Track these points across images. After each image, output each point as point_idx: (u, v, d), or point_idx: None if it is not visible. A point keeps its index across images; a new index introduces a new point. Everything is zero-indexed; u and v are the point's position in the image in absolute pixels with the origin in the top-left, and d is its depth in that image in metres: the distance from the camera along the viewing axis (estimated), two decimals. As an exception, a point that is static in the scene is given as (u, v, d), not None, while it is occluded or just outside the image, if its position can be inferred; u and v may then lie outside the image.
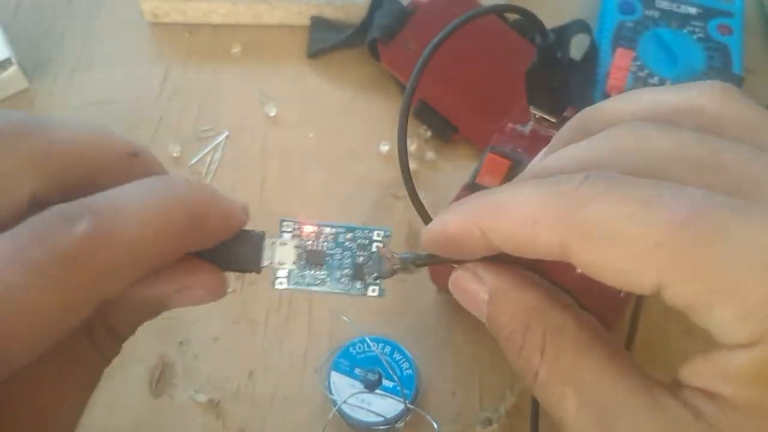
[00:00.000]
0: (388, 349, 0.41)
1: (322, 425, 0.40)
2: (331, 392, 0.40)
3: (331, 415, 0.40)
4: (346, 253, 0.24)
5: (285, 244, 0.24)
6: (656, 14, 0.52)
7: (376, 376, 0.41)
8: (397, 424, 0.40)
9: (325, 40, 0.55)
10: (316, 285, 0.24)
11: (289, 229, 0.24)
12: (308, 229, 0.24)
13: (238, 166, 0.50)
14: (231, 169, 0.50)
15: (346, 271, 0.24)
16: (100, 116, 0.52)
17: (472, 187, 0.41)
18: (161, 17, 0.57)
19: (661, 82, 0.48)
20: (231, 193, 0.50)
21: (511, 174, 0.41)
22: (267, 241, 0.24)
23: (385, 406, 0.40)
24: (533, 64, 0.39)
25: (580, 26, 0.52)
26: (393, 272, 0.24)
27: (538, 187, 0.20)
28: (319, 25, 0.56)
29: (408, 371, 0.41)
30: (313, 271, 0.24)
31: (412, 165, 0.50)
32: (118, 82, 0.54)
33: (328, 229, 0.24)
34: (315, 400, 0.41)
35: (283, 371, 0.43)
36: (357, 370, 0.41)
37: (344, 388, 0.40)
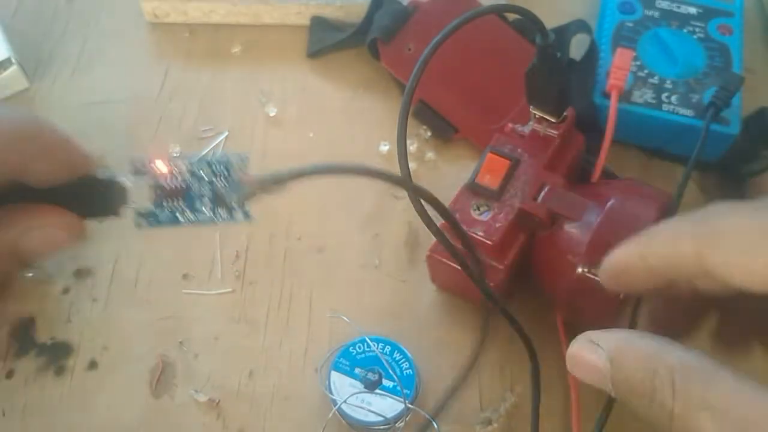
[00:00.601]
0: (388, 349, 0.41)
1: (322, 425, 0.40)
2: (331, 392, 0.40)
3: (331, 415, 0.40)
4: (204, 183, 0.24)
5: (137, 184, 0.24)
6: (656, 14, 0.52)
7: (376, 376, 0.41)
8: (397, 424, 0.40)
9: (325, 40, 0.55)
10: (179, 220, 0.24)
11: (141, 168, 0.24)
12: (161, 166, 0.24)
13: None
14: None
15: (206, 200, 0.24)
16: (100, 116, 0.52)
17: (472, 187, 0.41)
18: (161, 17, 0.57)
19: (661, 82, 0.48)
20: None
21: (510, 174, 0.41)
22: (121, 184, 0.24)
23: (385, 406, 0.40)
24: (533, 64, 0.39)
25: (580, 26, 0.52)
26: (253, 195, 0.24)
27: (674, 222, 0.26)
28: (319, 25, 0.56)
29: (408, 371, 0.41)
30: (173, 207, 0.24)
31: (412, 165, 0.50)
32: (118, 82, 0.54)
33: (182, 163, 0.24)
34: (315, 400, 0.41)
35: (283, 371, 0.43)
36: (357, 370, 0.41)
37: (344, 387, 0.40)
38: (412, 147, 0.51)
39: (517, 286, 0.43)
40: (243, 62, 0.55)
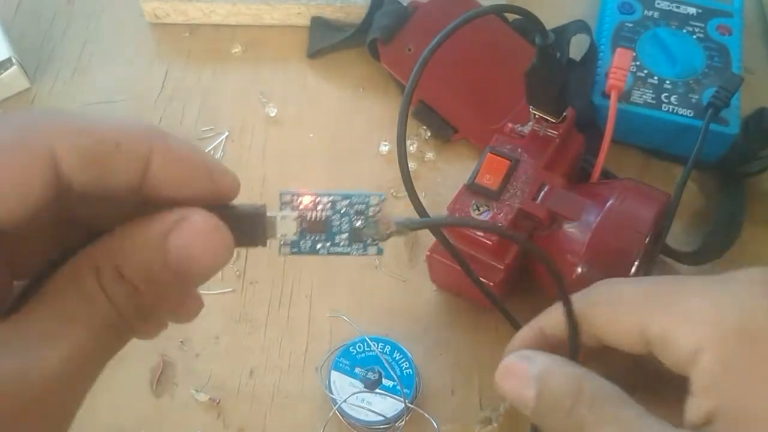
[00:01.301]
0: (388, 348, 0.42)
1: (322, 424, 0.40)
2: (331, 392, 0.40)
3: (331, 415, 0.40)
4: (344, 218, 0.25)
5: (285, 216, 0.25)
6: (656, 14, 0.52)
7: (376, 376, 0.41)
8: (397, 424, 0.40)
9: (325, 40, 0.55)
10: (318, 250, 0.25)
11: (288, 201, 0.25)
12: (306, 199, 0.25)
13: (238, 166, 0.50)
14: (231, 168, 0.50)
15: (345, 235, 0.25)
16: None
17: (472, 187, 0.41)
18: (162, 18, 0.57)
19: (661, 82, 0.49)
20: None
21: (510, 174, 0.41)
22: (269, 215, 0.25)
23: (385, 405, 0.40)
24: (533, 64, 0.39)
25: (580, 26, 0.52)
26: (389, 235, 0.25)
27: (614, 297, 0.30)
28: (319, 25, 0.56)
29: (408, 371, 0.41)
30: (314, 238, 0.25)
31: (412, 165, 0.50)
32: (118, 83, 0.54)
33: (325, 198, 0.25)
34: (315, 399, 0.41)
35: (283, 370, 0.43)
36: (357, 370, 0.41)
37: (344, 387, 0.40)
38: (412, 147, 0.51)
39: (517, 286, 0.43)
40: (243, 62, 0.56)
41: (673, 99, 0.48)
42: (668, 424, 0.25)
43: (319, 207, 0.25)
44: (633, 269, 0.39)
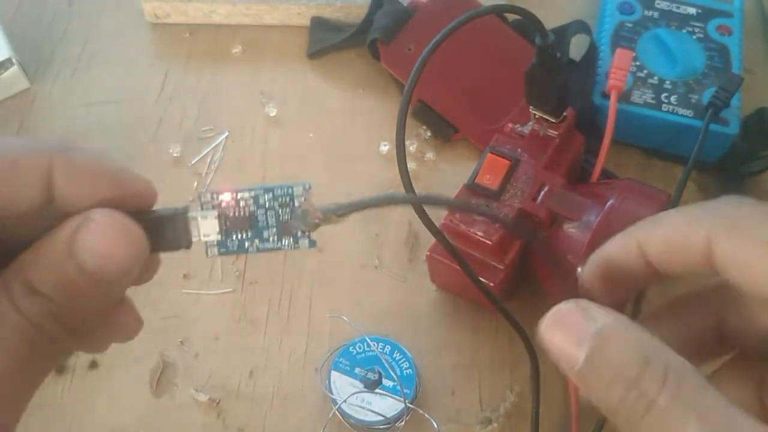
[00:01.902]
0: (388, 348, 0.42)
1: (322, 425, 0.40)
2: (331, 392, 0.40)
3: (331, 415, 0.40)
4: (270, 212, 0.25)
5: (206, 217, 0.25)
6: (656, 14, 0.52)
7: (376, 376, 0.41)
8: (397, 424, 0.40)
9: (325, 40, 0.55)
10: (247, 248, 0.25)
11: (209, 201, 0.24)
12: (226, 197, 0.24)
13: (238, 166, 0.50)
14: (231, 169, 0.50)
15: (273, 230, 0.25)
16: (101, 116, 0.53)
17: (472, 187, 0.41)
18: (162, 18, 0.57)
19: (661, 82, 0.48)
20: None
21: (510, 174, 0.41)
22: (190, 217, 0.24)
23: (385, 405, 0.40)
24: (533, 64, 0.39)
25: (580, 26, 0.52)
26: (317, 225, 0.25)
27: (685, 207, 0.25)
28: (319, 25, 0.56)
29: (408, 371, 0.41)
30: (241, 236, 0.25)
31: (412, 165, 0.50)
32: (118, 83, 0.54)
33: (246, 194, 0.25)
34: (315, 399, 0.41)
35: (283, 371, 0.43)
36: (357, 370, 0.41)
37: (344, 387, 0.40)
38: (412, 147, 0.51)
39: (517, 286, 0.43)
40: (243, 62, 0.56)
41: (673, 99, 0.48)
42: (757, 420, 0.21)
43: (241, 203, 0.24)
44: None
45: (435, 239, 0.38)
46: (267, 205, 0.25)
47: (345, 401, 0.40)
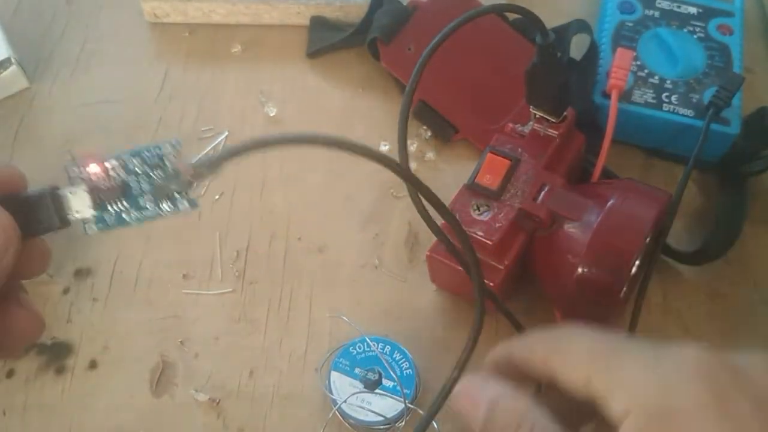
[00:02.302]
0: (388, 349, 0.41)
1: (322, 425, 0.40)
2: (331, 392, 0.40)
3: (331, 415, 0.40)
4: (141, 178, 0.24)
5: (75, 192, 0.23)
6: (656, 14, 0.52)
7: (376, 376, 0.41)
8: (397, 424, 0.40)
9: (324, 40, 0.55)
10: (125, 220, 0.24)
11: (77, 175, 0.23)
12: (93, 168, 0.23)
13: (237, 166, 0.50)
14: (231, 169, 0.50)
15: (148, 196, 0.24)
16: (100, 116, 0.52)
17: (472, 187, 0.41)
18: (161, 17, 0.57)
19: (662, 82, 0.48)
20: (231, 194, 0.50)
21: (510, 174, 0.41)
22: (60, 195, 0.23)
23: (385, 405, 0.40)
24: (533, 64, 0.39)
25: (581, 26, 0.52)
26: (191, 182, 0.24)
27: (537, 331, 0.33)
28: (318, 25, 0.56)
29: (408, 371, 0.41)
30: (117, 209, 0.24)
31: (413, 165, 0.50)
32: (118, 82, 0.54)
33: (114, 161, 0.23)
34: (315, 399, 0.41)
35: (283, 371, 0.43)
36: (357, 370, 0.41)
37: (344, 387, 0.40)
38: (412, 147, 0.51)
39: (517, 286, 0.43)
40: (243, 62, 0.55)
41: (673, 99, 0.48)
42: None
43: (110, 172, 0.23)
44: (633, 269, 0.39)
45: (435, 239, 0.38)
46: (138, 171, 0.23)
47: (345, 401, 0.40)
